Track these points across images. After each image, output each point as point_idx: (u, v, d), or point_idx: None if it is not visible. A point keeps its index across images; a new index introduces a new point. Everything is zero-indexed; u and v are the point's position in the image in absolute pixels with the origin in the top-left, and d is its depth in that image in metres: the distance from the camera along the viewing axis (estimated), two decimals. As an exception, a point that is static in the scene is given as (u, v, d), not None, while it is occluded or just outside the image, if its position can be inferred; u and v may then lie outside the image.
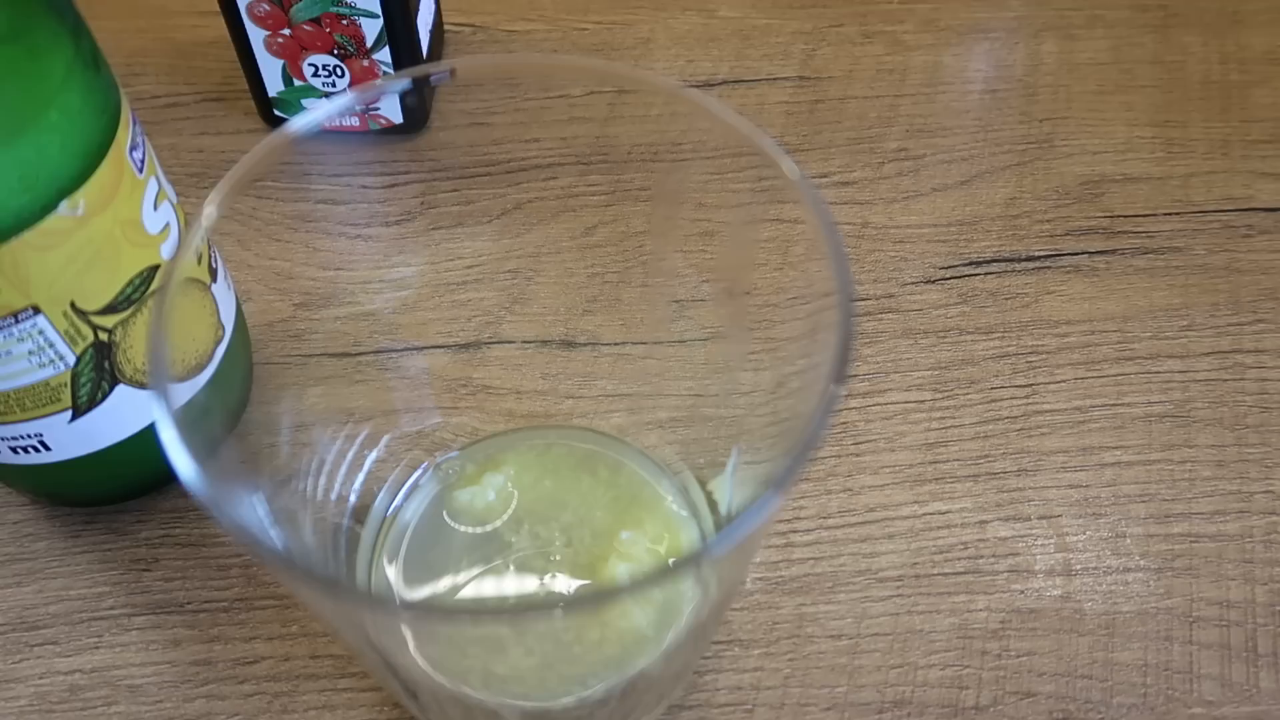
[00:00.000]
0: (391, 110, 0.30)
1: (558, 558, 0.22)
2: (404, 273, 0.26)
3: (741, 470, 0.23)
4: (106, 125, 0.19)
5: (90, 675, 0.23)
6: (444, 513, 0.23)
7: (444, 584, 0.22)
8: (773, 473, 0.21)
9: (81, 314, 0.20)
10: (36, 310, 0.19)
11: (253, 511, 0.17)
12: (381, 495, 0.24)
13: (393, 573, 0.22)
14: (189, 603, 0.24)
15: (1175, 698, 0.23)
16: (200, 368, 0.21)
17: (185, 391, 0.16)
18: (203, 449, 0.14)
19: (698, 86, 0.35)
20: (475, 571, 0.22)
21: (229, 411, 0.21)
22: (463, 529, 0.23)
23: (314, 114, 0.17)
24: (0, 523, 0.25)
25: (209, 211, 0.16)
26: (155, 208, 0.21)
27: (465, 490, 0.23)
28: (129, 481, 0.24)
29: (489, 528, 0.22)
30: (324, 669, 0.23)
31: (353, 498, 0.23)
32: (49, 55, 0.18)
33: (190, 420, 0.14)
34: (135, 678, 0.23)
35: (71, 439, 0.21)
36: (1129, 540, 0.25)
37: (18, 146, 0.17)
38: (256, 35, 0.30)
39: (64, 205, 0.18)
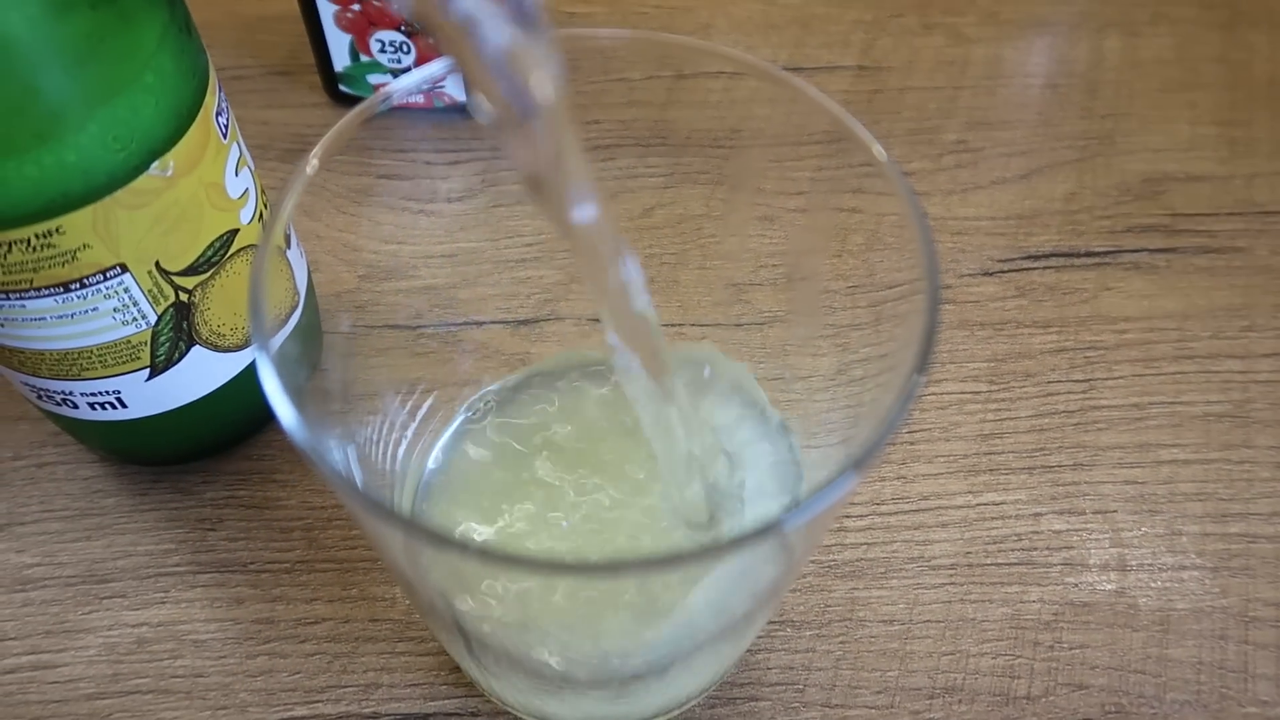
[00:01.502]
0: (456, 88, 0.31)
1: (614, 506, 0.21)
2: (465, 248, 0.26)
3: (799, 454, 0.23)
4: (196, 89, 0.19)
5: (157, 629, 0.23)
6: (504, 462, 0.23)
7: (505, 532, 0.22)
8: (838, 455, 0.21)
9: (165, 274, 0.20)
10: (124, 269, 0.19)
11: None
12: (441, 457, 0.24)
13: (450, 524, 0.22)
14: (252, 563, 0.24)
15: (1229, 696, 0.23)
16: (275, 332, 0.22)
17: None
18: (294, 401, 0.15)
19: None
20: (532, 521, 0.22)
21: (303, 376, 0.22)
22: (523, 474, 0.23)
23: (409, 80, 0.17)
24: (71, 478, 0.25)
25: (314, 164, 0.16)
26: (236, 173, 0.21)
27: (528, 440, 0.23)
28: (197, 442, 0.25)
29: (546, 474, 0.22)
30: (383, 632, 0.23)
31: (415, 464, 0.23)
32: (146, 18, 0.18)
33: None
34: (200, 633, 0.23)
35: (147, 397, 0.22)
36: (1185, 538, 0.25)
37: (114, 106, 0.18)
38: (326, 10, 0.30)
39: (154, 166, 0.19)
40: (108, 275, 0.19)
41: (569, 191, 0.14)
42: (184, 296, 0.21)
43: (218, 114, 0.20)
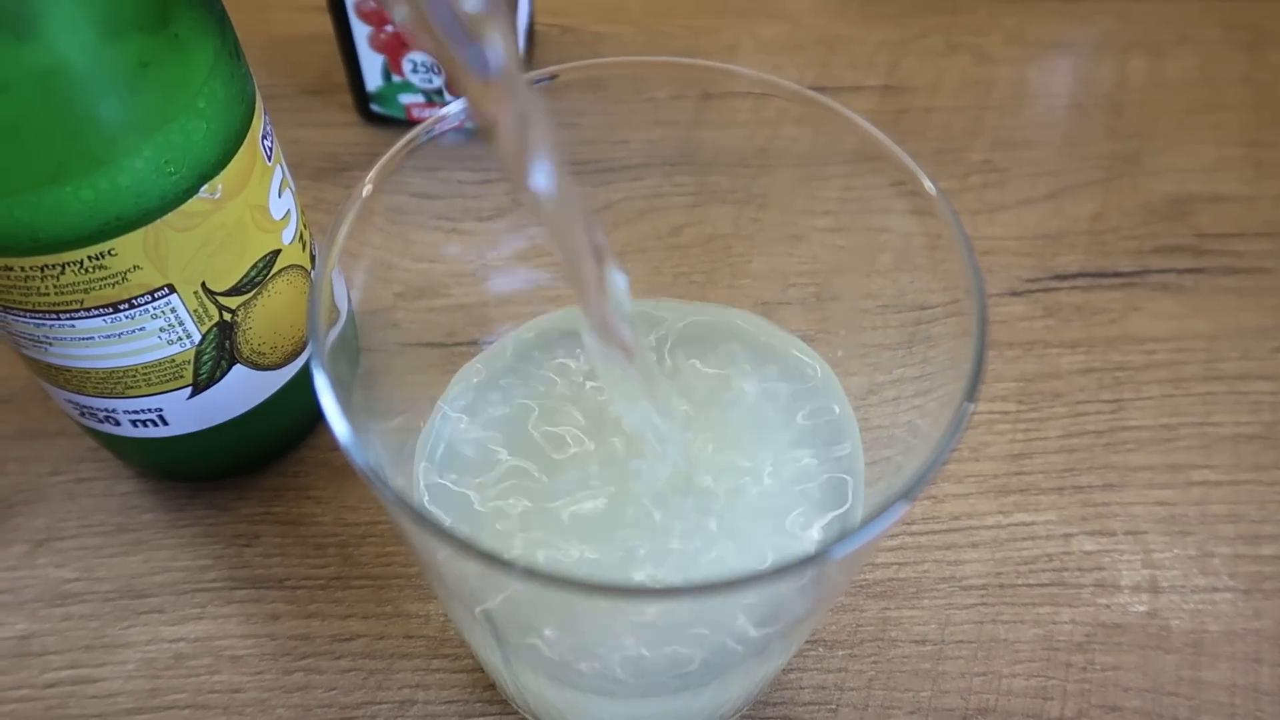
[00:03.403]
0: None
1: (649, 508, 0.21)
2: (496, 267, 0.26)
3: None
4: (244, 113, 0.20)
5: (194, 644, 0.23)
6: (537, 467, 0.23)
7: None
8: (868, 475, 0.21)
9: (210, 294, 0.20)
10: (171, 289, 0.20)
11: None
12: (465, 463, 0.24)
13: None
14: (288, 579, 0.24)
15: (1263, 719, 0.23)
16: (325, 352, 0.22)
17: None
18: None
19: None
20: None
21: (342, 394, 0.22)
22: (551, 482, 0.22)
23: (460, 105, 0.18)
24: (109, 494, 0.26)
25: (368, 189, 0.17)
26: (279, 195, 0.21)
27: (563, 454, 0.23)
28: (234, 458, 0.25)
29: (573, 476, 0.22)
30: (417, 649, 0.23)
31: (449, 485, 0.24)
32: (199, 45, 0.18)
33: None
34: (237, 649, 0.23)
35: (188, 414, 0.22)
36: (1217, 560, 0.25)
37: (168, 131, 0.18)
38: (360, 31, 0.31)
39: (204, 189, 0.19)
40: (156, 296, 0.20)
41: (529, 158, 0.14)
42: (227, 316, 0.21)
43: (263, 137, 0.21)
